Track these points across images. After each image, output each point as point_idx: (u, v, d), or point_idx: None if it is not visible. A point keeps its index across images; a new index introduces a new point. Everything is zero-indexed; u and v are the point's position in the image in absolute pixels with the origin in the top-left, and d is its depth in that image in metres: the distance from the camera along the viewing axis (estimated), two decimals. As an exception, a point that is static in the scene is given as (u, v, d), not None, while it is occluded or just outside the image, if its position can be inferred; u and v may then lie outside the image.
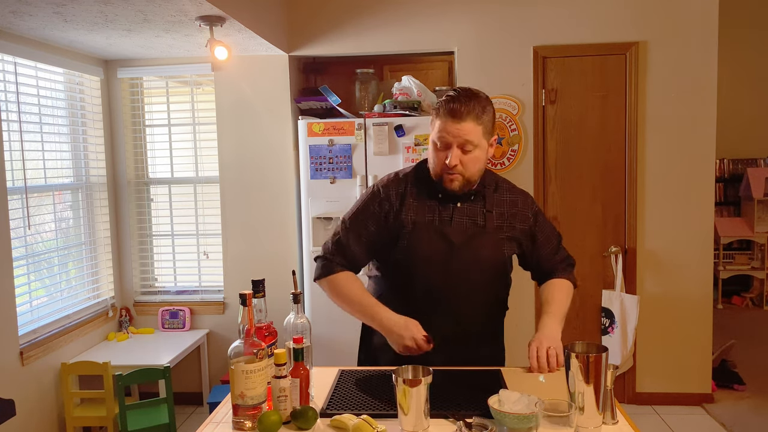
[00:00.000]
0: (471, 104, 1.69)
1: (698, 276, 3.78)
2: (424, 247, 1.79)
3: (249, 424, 1.45)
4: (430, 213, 1.81)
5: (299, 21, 3.86)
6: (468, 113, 1.68)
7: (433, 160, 1.77)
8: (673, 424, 3.58)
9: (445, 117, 1.70)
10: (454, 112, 1.68)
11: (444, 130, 1.70)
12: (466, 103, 1.69)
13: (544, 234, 1.93)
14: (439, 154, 1.74)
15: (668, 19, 3.67)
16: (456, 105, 1.68)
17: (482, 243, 1.81)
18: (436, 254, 1.79)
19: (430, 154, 1.79)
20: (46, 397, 3.31)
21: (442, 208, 1.82)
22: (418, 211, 1.82)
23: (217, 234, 4.08)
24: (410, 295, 1.83)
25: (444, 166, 1.73)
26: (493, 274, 1.86)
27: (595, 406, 1.39)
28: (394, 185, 1.86)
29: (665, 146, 3.73)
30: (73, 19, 2.88)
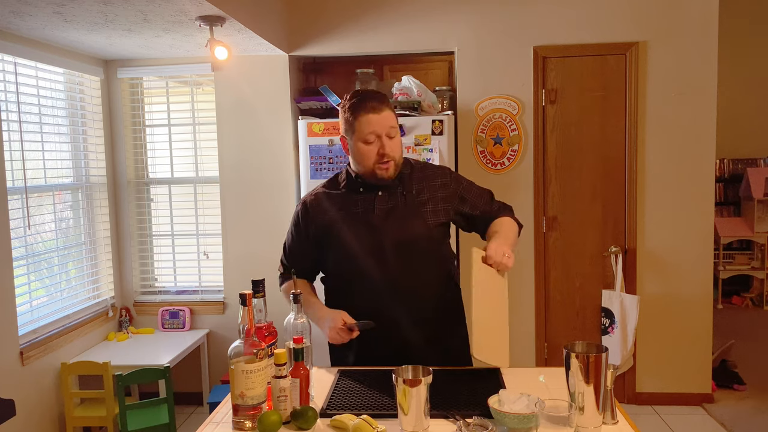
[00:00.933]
0: (383, 97, 1.89)
1: (698, 276, 3.77)
2: (352, 238, 1.90)
3: (249, 424, 1.45)
4: (354, 207, 1.93)
5: (299, 21, 3.86)
6: (384, 104, 1.86)
7: (364, 157, 1.87)
8: (673, 424, 3.58)
9: (366, 113, 1.84)
10: (374, 107, 1.84)
11: (371, 124, 1.83)
12: (379, 97, 1.87)
13: (471, 192, 2.01)
14: (371, 148, 1.85)
15: (668, 19, 3.67)
16: (374, 102, 1.85)
17: (405, 220, 1.90)
18: (364, 241, 1.89)
19: (358, 155, 1.88)
20: (46, 397, 3.31)
21: (364, 200, 1.92)
22: (343, 208, 1.93)
23: (217, 234, 4.08)
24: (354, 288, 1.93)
25: (377, 157, 1.85)
26: (425, 247, 1.91)
27: (595, 406, 1.39)
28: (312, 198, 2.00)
29: (665, 146, 3.73)
30: (73, 19, 2.88)
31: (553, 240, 3.86)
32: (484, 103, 3.79)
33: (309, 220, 1.98)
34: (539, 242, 3.84)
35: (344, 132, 1.91)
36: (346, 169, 1.99)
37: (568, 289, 3.89)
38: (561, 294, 3.88)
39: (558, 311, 3.90)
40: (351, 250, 1.90)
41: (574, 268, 3.85)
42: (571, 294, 3.88)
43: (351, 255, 1.90)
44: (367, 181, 1.92)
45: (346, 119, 1.88)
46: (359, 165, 1.90)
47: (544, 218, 3.84)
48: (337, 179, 2.02)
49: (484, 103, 3.79)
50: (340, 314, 1.82)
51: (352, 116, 1.86)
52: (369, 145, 1.86)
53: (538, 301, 3.88)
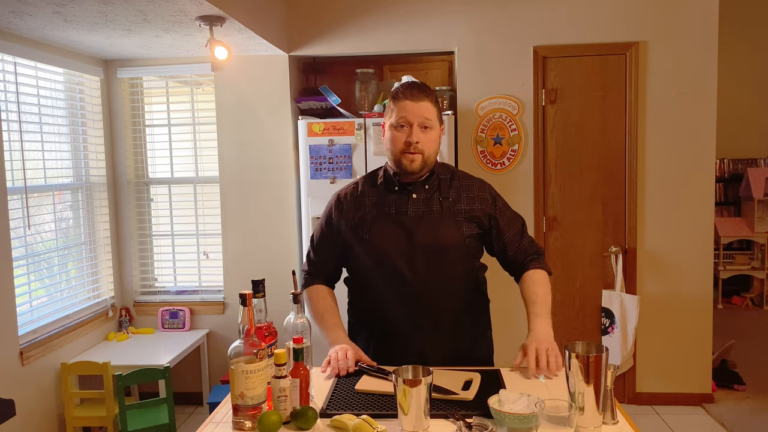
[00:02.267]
0: (426, 89, 1.86)
1: (698, 276, 3.77)
2: (384, 238, 1.87)
3: (249, 424, 1.45)
4: (387, 206, 1.90)
5: (299, 21, 3.86)
6: (425, 95, 1.84)
7: (393, 142, 1.86)
8: (673, 424, 3.58)
9: (404, 99, 1.83)
10: (413, 94, 1.83)
11: (404, 110, 1.82)
12: (422, 87, 1.86)
13: (505, 217, 1.96)
14: (400, 135, 1.84)
15: (668, 19, 3.67)
16: (414, 90, 1.84)
17: (439, 226, 1.86)
18: (396, 242, 1.86)
19: (389, 140, 1.87)
20: (46, 397, 3.31)
21: (399, 201, 1.89)
22: (376, 206, 1.91)
23: (217, 234, 4.08)
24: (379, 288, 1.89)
25: (405, 145, 1.83)
26: (457, 255, 1.88)
27: (595, 406, 1.39)
28: (349, 190, 1.99)
29: (665, 146, 3.73)
30: (73, 19, 2.88)
31: (553, 240, 3.86)
32: (484, 103, 3.79)
33: (341, 214, 1.95)
34: (539, 242, 3.84)
35: (385, 118, 1.91)
36: (385, 166, 1.97)
37: (568, 289, 3.89)
38: (561, 294, 3.88)
39: (558, 311, 3.89)
40: (381, 249, 1.87)
41: (574, 268, 3.85)
42: (571, 294, 3.88)
43: (380, 254, 1.87)
44: (402, 181, 1.89)
45: (387, 104, 1.88)
46: (388, 152, 1.89)
47: (544, 218, 3.84)
48: (375, 175, 1.99)
49: (484, 103, 3.79)
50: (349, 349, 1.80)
51: (392, 101, 1.87)
52: (399, 132, 1.84)
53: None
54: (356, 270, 1.98)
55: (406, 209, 1.88)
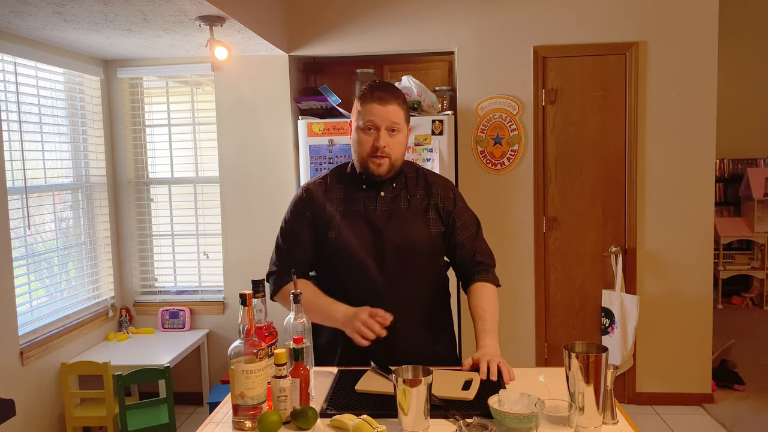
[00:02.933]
0: (394, 90, 1.83)
1: (698, 276, 3.77)
2: (352, 236, 1.86)
3: (249, 424, 1.45)
4: (355, 204, 1.89)
5: (299, 21, 3.86)
6: (393, 98, 1.81)
7: (360, 145, 1.83)
8: (673, 424, 3.58)
9: (371, 101, 1.80)
10: (381, 97, 1.79)
11: (371, 113, 1.79)
12: (390, 89, 1.82)
13: (462, 218, 1.95)
14: (367, 138, 1.81)
15: (668, 19, 3.67)
16: (382, 92, 1.80)
17: (408, 224, 1.87)
18: (365, 241, 1.85)
19: (355, 143, 1.85)
20: (46, 397, 3.31)
21: (367, 198, 1.89)
22: (343, 203, 1.90)
23: (217, 234, 4.08)
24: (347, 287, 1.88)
25: (371, 149, 1.81)
26: (425, 254, 1.89)
27: (595, 406, 1.39)
28: (316, 185, 1.95)
29: (665, 146, 3.73)
30: (73, 19, 2.88)
31: (553, 240, 3.86)
32: (484, 103, 3.79)
33: (309, 206, 1.91)
34: (539, 242, 3.84)
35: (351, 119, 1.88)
36: (352, 162, 1.94)
37: (568, 289, 3.88)
38: (561, 294, 3.88)
39: (558, 311, 3.90)
40: (349, 249, 1.86)
41: (574, 268, 3.85)
42: (571, 294, 3.88)
43: (348, 253, 1.86)
44: (370, 179, 1.87)
45: (354, 105, 1.86)
46: (355, 154, 1.88)
47: (544, 218, 3.84)
48: (343, 170, 1.97)
49: (484, 103, 3.79)
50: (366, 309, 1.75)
51: (359, 102, 1.84)
52: (366, 135, 1.82)
53: (538, 301, 3.88)
54: (323, 267, 1.96)
55: (374, 207, 1.88)
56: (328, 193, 1.92)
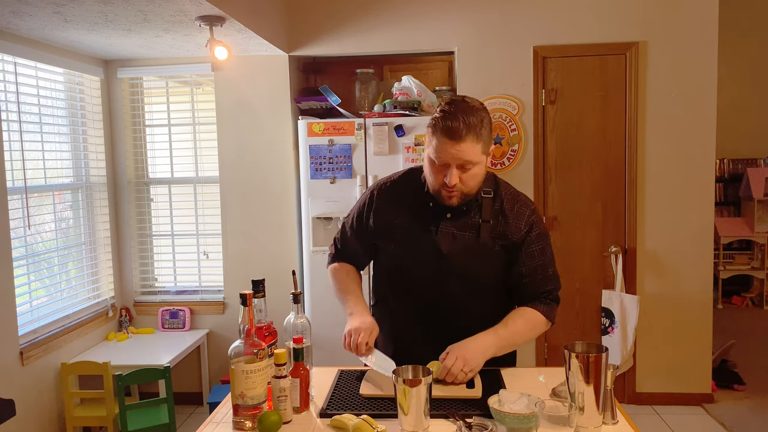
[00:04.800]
0: (469, 120, 1.59)
1: (698, 276, 3.77)
2: (411, 255, 1.75)
3: (249, 424, 1.45)
4: (420, 220, 1.75)
5: (299, 21, 3.86)
6: (467, 132, 1.58)
7: (431, 176, 1.69)
8: (673, 424, 3.58)
9: (442, 136, 1.60)
10: (452, 131, 1.58)
11: (442, 150, 1.61)
12: (464, 119, 1.58)
13: (531, 248, 1.75)
14: (437, 173, 1.66)
15: (668, 19, 3.67)
16: (454, 123, 1.58)
17: (473, 253, 1.72)
18: (424, 263, 1.74)
19: (426, 169, 1.71)
20: (46, 397, 3.31)
21: (433, 216, 1.74)
22: (408, 216, 1.77)
23: (217, 234, 4.08)
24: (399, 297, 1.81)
25: (442, 184, 1.65)
26: (488, 284, 1.78)
27: (595, 406, 1.39)
28: (387, 189, 1.84)
29: (665, 146, 3.73)
30: (73, 19, 2.88)
31: (553, 240, 3.82)
32: (484, 103, 3.78)
33: (372, 211, 1.82)
34: (539, 242, 3.84)
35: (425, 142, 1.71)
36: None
37: (568, 290, 3.88)
38: (561, 294, 3.86)
39: (558, 311, 3.88)
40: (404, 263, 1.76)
41: (574, 268, 3.85)
42: (571, 294, 3.88)
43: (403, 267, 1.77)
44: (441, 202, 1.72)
45: (428, 127, 1.66)
46: (427, 180, 1.72)
47: (544, 218, 3.84)
48: (417, 176, 1.80)
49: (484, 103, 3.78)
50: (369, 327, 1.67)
51: (431, 129, 1.64)
52: (436, 168, 1.65)
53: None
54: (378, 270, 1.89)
55: (436, 228, 1.73)
56: (398, 199, 1.80)
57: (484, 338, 1.69)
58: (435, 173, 1.67)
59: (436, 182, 1.67)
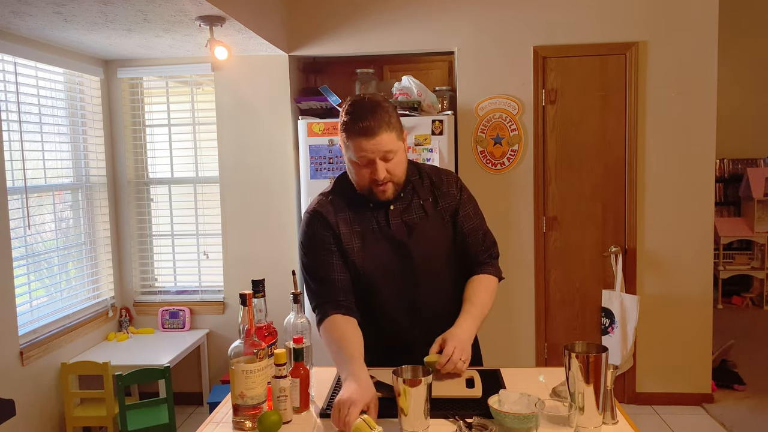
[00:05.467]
0: (377, 115, 1.63)
1: (698, 276, 3.77)
2: (376, 259, 1.76)
3: (249, 424, 1.45)
4: (368, 222, 1.77)
5: (299, 21, 3.86)
6: (378, 125, 1.63)
7: (358, 178, 1.71)
8: (673, 424, 3.58)
9: (357, 137, 1.64)
10: (365, 130, 1.62)
11: (361, 149, 1.64)
12: (371, 115, 1.63)
13: (466, 209, 1.85)
14: (363, 171, 1.69)
15: (668, 19, 3.67)
16: (365, 123, 1.62)
17: (428, 231, 1.79)
18: (390, 260, 1.76)
19: (351, 173, 1.74)
20: (46, 397, 3.31)
21: (378, 215, 1.77)
22: (357, 224, 1.77)
23: (217, 234, 4.08)
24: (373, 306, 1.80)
25: (372, 180, 1.68)
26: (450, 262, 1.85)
27: (595, 406, 1.39)
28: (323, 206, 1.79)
29: (665, 146, 3.73)
30: (73, 19, 2.88)
31: (553, 240, 3.86)
32: (484, 103, 3.79)
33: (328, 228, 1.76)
34: (539, 242, 3.84)
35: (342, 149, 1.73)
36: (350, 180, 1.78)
37: (568, 289, 3.88)
38: (561, 294, 3.88)
39: (558, 311, 3.90)
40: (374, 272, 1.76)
41: (574, 268, 3.85)
42: (571, 294, 3.88)
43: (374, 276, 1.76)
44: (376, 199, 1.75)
45: (340, 134, 1.70)
46: (355, 183, 1.75)
47: (544, 218, 3.84)
48: (344, 185, 1.80)
49: (484, 103, 3.79)
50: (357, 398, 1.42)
51: (344, 135, 1.67)
52: (361, 169, 1.69)
53: (538, 301, 3.88)
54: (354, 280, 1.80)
55: (386, 223, 1.77)
56: (339, 214, 1.78)
57: (466, 324, 1.73)
58: (361, 173, 1.70)
59: (365, 181, 1.71)
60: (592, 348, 1.44)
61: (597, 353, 1.40)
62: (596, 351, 1.42)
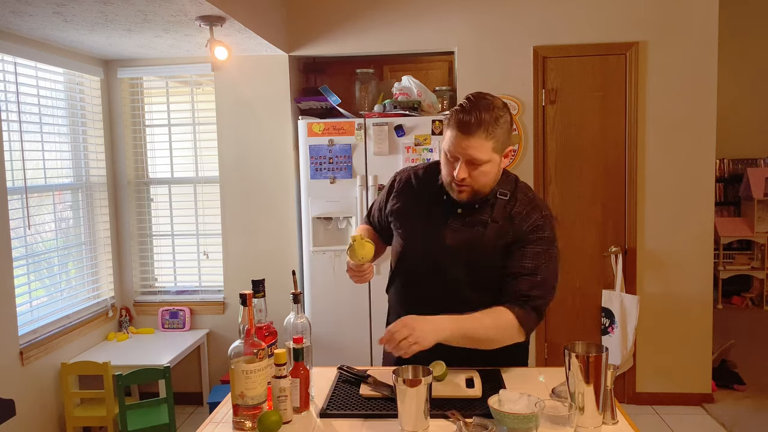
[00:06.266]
0: (482, 116, 1.59)
1: (698, 276, 3.77)
2: (418, 242, 1.80)
3: (249, 424, 1.45)
4: (431, 211, 1.78)
5: (299, 21, 3.86)
6: (477, 127, 1.58)
7: (444, 169, 1.72)
8: (673, 424, 3.58)
9: (454, 129, 1.62)
10: (463, 125, 1.59)
11: (452, 143, 1.63)
12: (476, 114, 1.59)
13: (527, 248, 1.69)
14: (448, 165, 1.68)
15: (668, 19, 3.67)
16: (466, 117, 1.59)
17: (475, 249, 1.71)
18: (428, 252, 1.76)
19: (441, 161, 1.74)
20: (46, 397, 3.31)
21: (445, 209, 1.77)
22: (421, 206, 1.81)
23: (217, 234, 4.08)
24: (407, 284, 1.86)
25: (453, 177, 1.67)
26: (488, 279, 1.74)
27: (595, 406, 1.39)
28: (407, 178, 1.89)
29: (665, 146, 3.73)
30: (73, 19, 2.88)
31: (553, 240, 3.85)
32: (484, 103, 3.78)
33: (390, 197, 1.90)
34: (539, 242, 3.84)
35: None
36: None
37: (568, 289, 3.88)
38: (561, 294, 3.85)
39: (558, 311, 3.90)
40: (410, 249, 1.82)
41: (574, 268, 3.85)
42: (571, 294, 3.88)
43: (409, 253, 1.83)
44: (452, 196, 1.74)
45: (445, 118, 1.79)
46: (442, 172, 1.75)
47: (546, 219, 3.84)
48: (435, 167, 1.82)
49: (484, 103, 3.78)
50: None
51: (447, 121, 1.67)
52: (447, 161, 1.68)
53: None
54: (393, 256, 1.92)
55: (446, 220, 1.75)
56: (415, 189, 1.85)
57: (442, 321, 1.60)
58: (447, 166, 1.69)
59: (447, 175, 1.70)
60: (592, 348, 1.44)
61: (597, 353, 1.40)
62: (596, 351, 1.42)
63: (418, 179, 1.88)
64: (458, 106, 1.65)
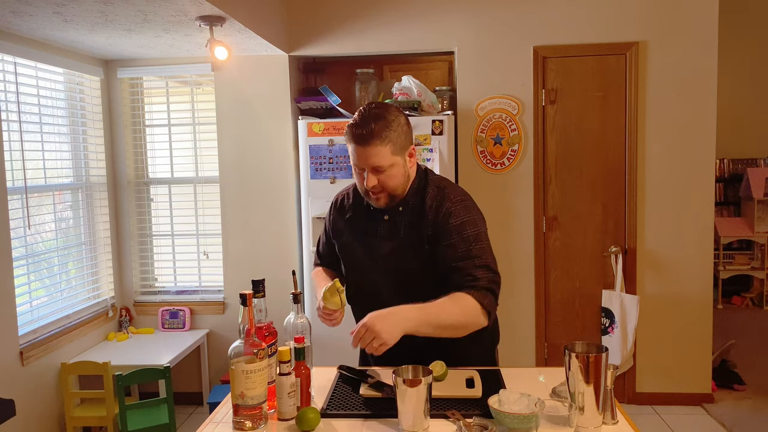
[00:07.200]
0: (371, 126, 1.66)
1: (698, 276, 3.77)
2: (356, 256, 1.87)
3: (249, 424, 1.45)
4: (362, 225, 1.86)
5: (299, 21, 3.86)
6: (371, 136, 1.66)
7: (357, 181, 1.80)
8: (673, 424, 3.58)
9: (352, 143, 1.71)
10: (358, 137, 1.68)
11: (355, 156, 1.72)
12: (367, 126, 1.67)
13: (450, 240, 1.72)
14: (359, 177, 1.76)
15: (668, 19, 3.67)
16: (358, 130, 1.68)
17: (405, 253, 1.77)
18: (367, 263, 1.84)
19: (354, 176, 1.81)
20: (46, 397, 3.31)
21: (373, 221, 1.84)
22: (353, 222, 1.89)
23: (217, 234, 4.08)
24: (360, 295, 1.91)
25: (363, 188, 1.76)
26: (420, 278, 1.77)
27: (595, 406, 1.39)
28: (340, 199, 1.98)
29: (665, 146, 3.73)
30: (73, 19, 2.88)
31: (553, 240, 3.86)
32: (484, 103, 3.79)
33: (330, 220, 1.99)
34: (539, 242, 3.84)
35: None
36: None
37: (568, 289, 3.88)
38: (561, 294, 3.88)
39: (558, 311, 3.90)
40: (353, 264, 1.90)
41: (574, 268, 3.85)
42: (571, 294, 3.88)
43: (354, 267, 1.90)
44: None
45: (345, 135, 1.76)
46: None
47: (544, 218, 3.84)
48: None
49: (484, 103, 3.79)
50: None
51: (346, 137, 1.74)
52: (357, 173, 1.76)
53: (538, 301, 3.88)
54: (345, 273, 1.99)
55: (374, 231, 1.83)
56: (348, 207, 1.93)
57: (405, 311, 1.61)
58: (358, 178, 1.78)
59: (360, 186, 1.79)
60: (592, 348, 1.44)
61: (597, 353, 1.40)
62: (596, 351, 1.42)
63: (348, 198, 1.96)
64: (352, 120, 1.73)
